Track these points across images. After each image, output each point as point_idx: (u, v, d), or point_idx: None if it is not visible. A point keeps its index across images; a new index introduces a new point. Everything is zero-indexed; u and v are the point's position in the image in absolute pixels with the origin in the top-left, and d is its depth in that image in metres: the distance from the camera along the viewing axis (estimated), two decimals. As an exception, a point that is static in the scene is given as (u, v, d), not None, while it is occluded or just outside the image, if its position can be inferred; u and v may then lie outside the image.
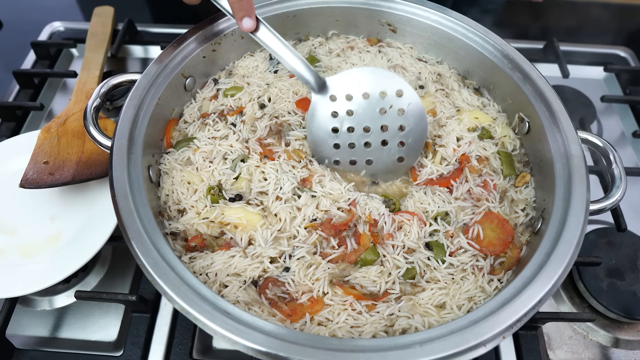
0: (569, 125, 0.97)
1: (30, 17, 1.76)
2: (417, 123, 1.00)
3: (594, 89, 1.59)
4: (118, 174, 0.86)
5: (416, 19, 1.21)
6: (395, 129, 1.01)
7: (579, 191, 0.88)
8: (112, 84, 1.02)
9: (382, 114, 1.00)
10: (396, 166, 1.04)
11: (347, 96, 1.00)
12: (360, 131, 1.01)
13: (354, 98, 0.99)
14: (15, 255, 1.07)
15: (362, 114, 1.00)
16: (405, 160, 1.03)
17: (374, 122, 1.00)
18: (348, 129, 1.01)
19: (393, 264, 0.91)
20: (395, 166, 1.04)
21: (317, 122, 1.01)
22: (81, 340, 1.08)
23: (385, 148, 1.02)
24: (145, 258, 0.78)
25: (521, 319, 0.74)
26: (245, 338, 0.71)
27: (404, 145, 1.02)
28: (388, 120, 1.00)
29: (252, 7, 0.97)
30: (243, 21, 0.97)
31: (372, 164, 1.04)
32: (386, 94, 0.98)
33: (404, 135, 1.01)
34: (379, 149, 1.02)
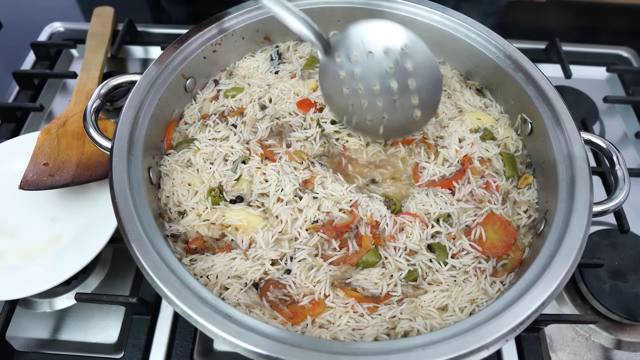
0: (572, 126, 0.97)
1: (30, 18, 1.75)
2: (429, 75, 0.96)
3: (596, 89, 1.59)
4: (118, 176, 0.86)
5: (418, 20, 1.20)
6: (405, 85, 0.97)
7: (582, 193, 0.88)
8: (112, 85, 1.02)
9: (390, 71, 0.97)
10: (413, 122, 1.01)
11: (352, 57, 0.98)
12: (370, 91, 0.99)
13: (359, 58, 0.98)
14: (15, 258, 1.06)
15: (369, 74, 0.98)
16: (422, 116, 1.00)
17: (382, 80, 0.98)
18: (358, 89, 1.00)
19: (395, 266, 0.91)
20: (411, 122, 1.01)
21: (328, 84, 1.02)
22: (81, 343, 1.07)
23: (399, 105, 0.99)
24: (146, 261, 0.77)
25: (524, 321, 0.74)
26: (246, 341, 0.71)
27: (418, 100, 0.98)
28: (396, 77, 0.97)
29: None
30: None
31: (389, 120, 1.01)
32: (391, 50, 0.96)
33: (416, 89, 0.98)
34: (393, 106, 1.00)
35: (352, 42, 0.97)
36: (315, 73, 1.19)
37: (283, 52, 1.25)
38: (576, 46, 1.67)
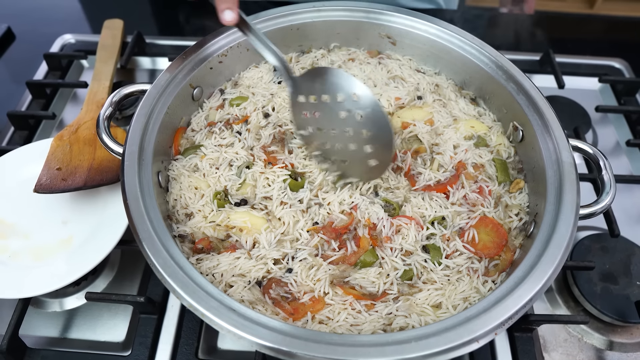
0: (561, 133, 1.01)
1: (42, 30, 1.81)
2: (379, 128, 0.96)
3: (589, 99, 1.63)
4: (129, 179, 0.90)
5: (414, 32, 1.25)
6: (358, 133, 0.98)
7: (569, 196, 0.92)
8: (124, 94, 1.07)
9: (343, 118, 0.98)
10: (370, 168, 1.00)
11: (312, 97, 1.00)
12: (329, 133, 1.01)
13: (318, 100, 1.00)
14: (28, 258, 1.10)
15: (326, 117, 1.00)
16: (377, 166, 1.00)
17: (338, 125, 0.99)
18: (318, 129, 1.02)
19: (391, 265, 0.95)
20: (369, 168, 1.00)
21: (294, 116, 1.04)
22: (90, 341, 1.11)
23: (355, 151, 0.99)
24: (156, 258, 0.81)
25: (512, 316, 0.78)
26: (250, 333, 0.74)
27: (372, 149, 0.98)
28: (350, 125, 0.98)
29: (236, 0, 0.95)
30: (224, 13, 0.94)
31: (347, 164, 1.02)
32: (344, 98, 0.97)
33: (369, 139, 0.98)
34: (350, 152, 1.00)
35: (313, 83, 0.99)
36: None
37: (286, 63, 1.30)
38: (569, 57, 1.72)
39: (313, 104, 1.01)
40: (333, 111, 0.98)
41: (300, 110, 1.03)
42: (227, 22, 0.95)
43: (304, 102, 1.02)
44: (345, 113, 0.98)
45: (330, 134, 1.01)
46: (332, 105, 0.98)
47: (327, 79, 0.97)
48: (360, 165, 1.01)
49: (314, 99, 1.00)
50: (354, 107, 0.96)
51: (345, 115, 0.98)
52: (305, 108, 1.02)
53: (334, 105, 0.98)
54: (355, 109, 0.96)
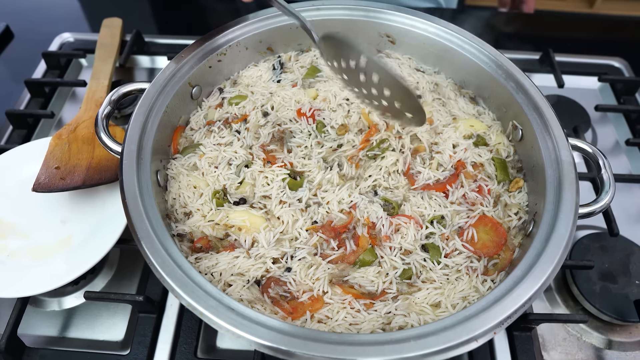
0: (560, 132, 1.01)
1: (41, 29, 1.80)
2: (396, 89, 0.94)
3: (588, 98, 1.63)
4: (128, 178, 0.90)
5: (414, 31, 1.25)
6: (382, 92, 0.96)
7: (569, 195, 0.92)
8: (122, 92, 1.07)
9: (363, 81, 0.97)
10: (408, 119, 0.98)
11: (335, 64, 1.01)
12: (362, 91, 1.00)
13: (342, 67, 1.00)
14: (27, 257, 1.10)
15: (352, 78, 0.99)
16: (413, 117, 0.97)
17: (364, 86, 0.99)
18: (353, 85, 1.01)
19: (390, 264, 0.95)
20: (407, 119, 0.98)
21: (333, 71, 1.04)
22: (89, 340, 1.11)
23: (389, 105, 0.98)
24: (154, 257, 0.81)
25: (511, 315, 0.78)
26: (249, 332, 0.74)
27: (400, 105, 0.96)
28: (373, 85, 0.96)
29: None
30: None
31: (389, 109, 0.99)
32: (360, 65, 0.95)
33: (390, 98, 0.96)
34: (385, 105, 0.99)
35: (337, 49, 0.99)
36: (315, 82, 1.24)
37: (285, 62, 1.30)
38: (569, 56, 1.72)
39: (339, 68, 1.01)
40: (355, 73, 0.98)
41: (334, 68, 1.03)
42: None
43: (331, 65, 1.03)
44: (364, 76, 0.96)
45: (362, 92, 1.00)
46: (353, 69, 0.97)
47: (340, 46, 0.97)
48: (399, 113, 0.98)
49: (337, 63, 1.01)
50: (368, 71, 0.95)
51: (364, 79, 0.97)
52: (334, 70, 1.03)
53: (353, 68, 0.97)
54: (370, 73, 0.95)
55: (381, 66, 0.92)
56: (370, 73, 0.94)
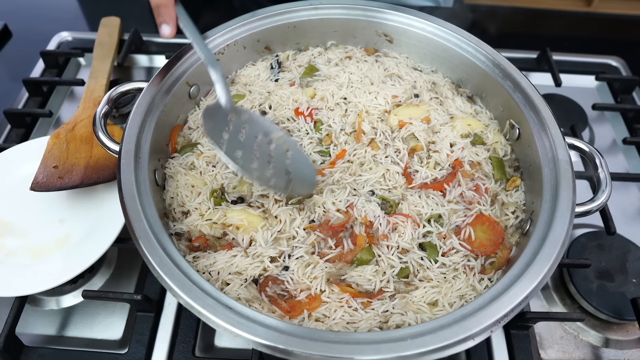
0: (557, 131, 1.01)
1: (39, 28, 1.80)
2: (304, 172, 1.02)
3: (586, 97, 1.63)
4: (126, 177, 0.91)
5: (411, 30, 1.25)
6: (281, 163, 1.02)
7: (565, 194, 0.92)
8: (120, 92, 1.07)
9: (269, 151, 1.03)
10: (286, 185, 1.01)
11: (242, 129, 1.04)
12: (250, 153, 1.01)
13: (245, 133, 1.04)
14: (25, 256, 1.10)
15: (250, 144, 1.03)
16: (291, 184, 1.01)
17: (261, 152, 1.02)
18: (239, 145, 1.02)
19: (388, 263, 0.95)
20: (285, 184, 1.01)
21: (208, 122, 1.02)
22: (87, 339, 1.11)
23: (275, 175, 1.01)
24: (152, 256, 0.82)
25: (508, 314, 0.78)
26: (247, 331, 0.75)
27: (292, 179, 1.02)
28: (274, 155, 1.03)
29: (173, 15, 1.03)
30: (161, 27, 1.04)
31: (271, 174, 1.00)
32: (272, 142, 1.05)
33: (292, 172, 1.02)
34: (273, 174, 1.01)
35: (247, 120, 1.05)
36: (313, 81, 1.24)
37: (283, 61, 1.31)
38: (566, 55, 1.72)
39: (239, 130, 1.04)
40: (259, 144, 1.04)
41: (222, 126, 1.02)
42: (164, 35, 1.05)
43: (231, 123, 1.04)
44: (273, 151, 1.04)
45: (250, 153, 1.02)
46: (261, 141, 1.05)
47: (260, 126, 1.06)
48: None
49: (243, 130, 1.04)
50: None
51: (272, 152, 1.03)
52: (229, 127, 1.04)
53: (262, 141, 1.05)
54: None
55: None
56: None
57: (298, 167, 1.03)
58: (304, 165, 1.04)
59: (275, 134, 1.06)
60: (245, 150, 1.00)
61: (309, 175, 1.03)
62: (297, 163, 1.04)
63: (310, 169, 1.05)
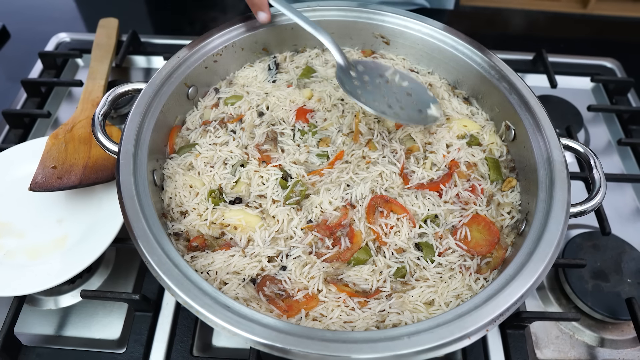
0: (552, 132, 1.02)
1: (37, 29, 1.81)
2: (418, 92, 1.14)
3: (581, 98, 1.64)
4: (125, 177, 0.91)
5: (408, 32, 1.26)
6: (404, 98, 1.13)
7: (560, 194, 0.93)
8: (119, 92, 1.08)
9: (392, 91, 1.13)
10: (420, 118, 1.12)
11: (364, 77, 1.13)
12: (380, 96, 1.11)
13: (369, 79, 1.13)
14: (23, 256, 1.11)
15: (376, 88, 1.12)
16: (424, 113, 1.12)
17: (387, 93, 1.12)
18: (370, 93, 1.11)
19: (384, 263, 0.96)
20: (419, 118, 1.12)
21: (346, 86, 1.09)
22: (85, 338, 1.11)
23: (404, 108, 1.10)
24: (151, 255, 0.82)
25: (503, 313, 0.79)
26: (245, 330, 0.75)
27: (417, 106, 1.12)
28: (397, 95, 1.13)
29: (265, 2, 1.15)
30: (258, 14, 1.17)
31: (404, 110, 1.10)
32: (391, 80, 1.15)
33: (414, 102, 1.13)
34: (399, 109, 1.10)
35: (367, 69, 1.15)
36: (310, 82, 1.25)
37: (280, 62, 1.31)
38: (562, 57, 1.73)
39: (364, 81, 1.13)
40: (384, 85, 1.15)
41: (351, 81, 1.12)
42: (261, 21, 1.19)
43: (355, 75, 1.13)
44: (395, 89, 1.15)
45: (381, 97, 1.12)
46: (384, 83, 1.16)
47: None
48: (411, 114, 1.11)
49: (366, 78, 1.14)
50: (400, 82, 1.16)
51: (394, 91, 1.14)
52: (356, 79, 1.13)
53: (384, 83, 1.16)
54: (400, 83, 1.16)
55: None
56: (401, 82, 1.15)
57: (418, 95, 1.15)
58: (421, 91, 1.16)
59: (387, 71, 1.16)
60: (377, 97, 1.10)
61: (432, 99, 1.16)
62: (416, 90, 1.16)
63: (428, 93, 1.17)
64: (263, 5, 1.14)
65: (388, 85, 1.14)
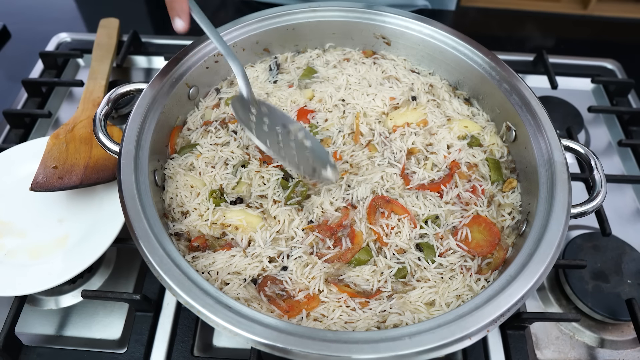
0: (553, 133, 1.03)
1: (38, 29, 1.81)
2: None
3: (582, 99, 1.64)
4: (126, 178, 0.91)
5: (409, 33, 1.27)
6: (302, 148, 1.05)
7: (561, 195, 0.93)
8: (120, 93, 1.08)
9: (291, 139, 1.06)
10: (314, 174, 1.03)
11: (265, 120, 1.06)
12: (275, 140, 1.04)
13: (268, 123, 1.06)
14: (24, 256, 1.11)
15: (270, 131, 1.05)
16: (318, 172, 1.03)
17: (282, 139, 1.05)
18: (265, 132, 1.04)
19: (385, 263, 0.96)
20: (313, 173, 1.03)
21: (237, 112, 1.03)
22: (86, 338, 1.11)
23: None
24: (152, 256, 0.82)
25: (504, 313, 0.79)
26: (246, 330, 0.75)
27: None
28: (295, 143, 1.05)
29: (186, 9, 1.00)
30: (174, 21, 1.01)
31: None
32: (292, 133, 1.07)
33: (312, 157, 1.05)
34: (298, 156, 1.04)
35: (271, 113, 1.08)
36: (311, 82, 1.25)
37: (281, 62, 1.31)
38: (563, 58, 1.73)
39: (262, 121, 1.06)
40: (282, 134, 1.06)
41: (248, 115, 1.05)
42: (177, 29, 1.02)
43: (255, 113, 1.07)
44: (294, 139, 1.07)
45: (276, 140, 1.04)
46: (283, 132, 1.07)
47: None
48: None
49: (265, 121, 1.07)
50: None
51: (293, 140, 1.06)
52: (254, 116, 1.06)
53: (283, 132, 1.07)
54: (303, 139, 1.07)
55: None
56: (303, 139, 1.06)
57: (318, 156, 1.05)
58: (322, 154, 1.06)
59: (293, 125, 1.08)
60: (270, 139, 1.01)
61: (330, 163, 1.04)
62: (317, 153, 1.06)
63: (329, 158, 1.06)
64: (182, 12, 1.00)
65: (288, 137, 1.05)
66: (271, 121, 1.06)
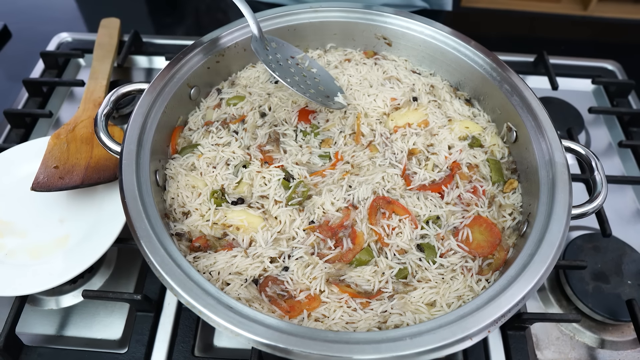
0: (554, 134, 1.03)
1: (39, 28, 1.81)
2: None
3: (582, 100, 1.65)
4: (127, 178, 0.91)
5: (410, 33, 1.27)
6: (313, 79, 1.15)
7: (562, 196, 0.93)
8: (122, 93, 1.08)
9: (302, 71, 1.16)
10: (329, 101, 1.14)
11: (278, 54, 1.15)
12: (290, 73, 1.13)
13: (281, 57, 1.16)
14: (25, 256, 1.11)
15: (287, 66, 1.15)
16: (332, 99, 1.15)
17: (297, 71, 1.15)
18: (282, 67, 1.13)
19: (386, 264, 0.96)
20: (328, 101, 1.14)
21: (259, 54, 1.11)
22: (87, 338, 1.11)
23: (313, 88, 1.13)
24: (153, 256, 0.82)
25: (505, 314, 0.79)
26: (247, 330, 0.75)
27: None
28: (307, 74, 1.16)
29: None
30: None
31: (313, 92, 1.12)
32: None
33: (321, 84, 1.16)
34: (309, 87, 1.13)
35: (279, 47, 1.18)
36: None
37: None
38: (563, 59, 1.73)
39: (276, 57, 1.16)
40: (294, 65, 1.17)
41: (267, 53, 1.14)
42: None
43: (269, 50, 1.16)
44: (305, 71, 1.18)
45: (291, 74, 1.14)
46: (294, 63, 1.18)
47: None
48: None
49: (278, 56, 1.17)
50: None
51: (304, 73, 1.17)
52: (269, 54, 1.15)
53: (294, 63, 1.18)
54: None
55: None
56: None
57: (326, 82, 1.18)
58: (329, 81, 1.19)
59: (298, 55, 1.19)
60: (287, 73, 1.11)
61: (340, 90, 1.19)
62: (324, 80, 1.18)
63: (335, 84, 1.20)
64: None
65: (298, 67, 1.16)
66: (282, 55, 1.16)
